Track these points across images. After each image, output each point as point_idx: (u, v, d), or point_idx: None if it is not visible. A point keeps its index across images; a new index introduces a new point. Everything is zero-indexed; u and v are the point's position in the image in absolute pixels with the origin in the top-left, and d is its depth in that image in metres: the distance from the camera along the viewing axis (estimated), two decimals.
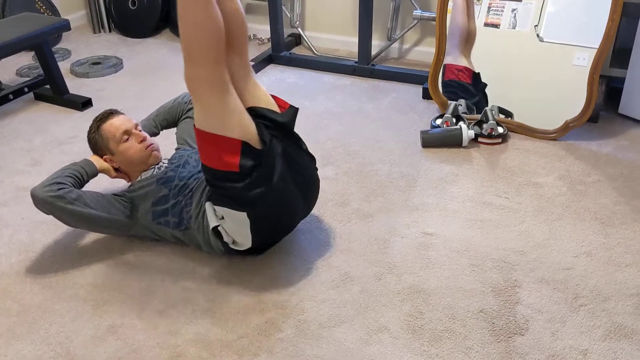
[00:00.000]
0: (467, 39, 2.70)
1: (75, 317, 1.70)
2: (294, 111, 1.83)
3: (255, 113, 1.74)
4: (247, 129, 1.67)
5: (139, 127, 2.05)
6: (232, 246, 1.78)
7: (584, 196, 2.16)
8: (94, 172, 1.98)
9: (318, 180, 1.90)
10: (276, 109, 1.79)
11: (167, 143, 2.34)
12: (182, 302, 1.74)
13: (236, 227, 1.74)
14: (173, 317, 1.69)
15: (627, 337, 1.58)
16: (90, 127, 2.05)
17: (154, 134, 2.20)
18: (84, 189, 1.91)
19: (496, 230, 2.00)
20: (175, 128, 2.25)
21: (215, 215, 1.76)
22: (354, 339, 1.60)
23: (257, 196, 1.68)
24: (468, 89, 2.70)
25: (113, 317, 1.70)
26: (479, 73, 2.67)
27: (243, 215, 1.70)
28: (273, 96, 1.82)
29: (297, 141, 1.83)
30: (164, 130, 2.26)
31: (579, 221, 2.03)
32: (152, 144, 2.03)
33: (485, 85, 2.67)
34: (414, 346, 1.57)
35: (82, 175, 1.92)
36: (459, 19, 2.69)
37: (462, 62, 2.71)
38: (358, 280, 1.80)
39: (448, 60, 2.72)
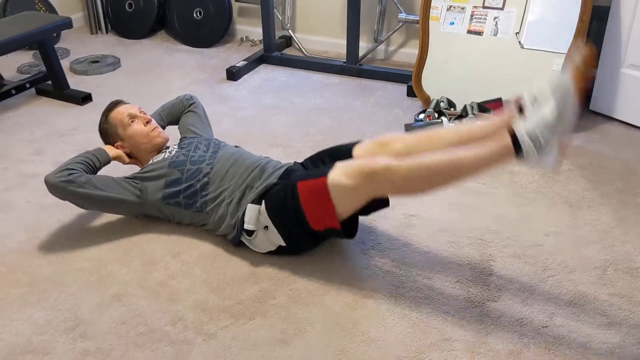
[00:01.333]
0: None
1: (82, 287, 1.83)
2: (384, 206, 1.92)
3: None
4: (348, 215, 1.77)
5: (144, 111, 2.18)
6: (248, 244, 1.92)
7: (555, 183, 2.32)
8: (106, 159, 2.09)
9: None
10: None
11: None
12: (181, 274, 1.87)
13: (268, 241, 1.87)
14: (173, 287, 1.82)
15: (589, 303, 1.73)
16: (99, 120, 2.18)
17: (161, 126, 2.31)
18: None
19: (473, 212, 2.15)
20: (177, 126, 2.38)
21: (258, 221, 1.85)
22: (341, 304, 1.74)
23: (306, 245, 1.92)
24: None
25: (117, 287, 1.82)
26: None
27: (281, 240, 1.85)
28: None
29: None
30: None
31: (550, 205, 2.19)
32: (157, 126, 2.17)
33: None
34: (395, 311, 1.71)
35: (93, 161, 2.03)
36: None
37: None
38: (345, 255, 1.94)
39: (507, 99, 2.72)
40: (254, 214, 1.85)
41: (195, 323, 1.68)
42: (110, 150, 2.12)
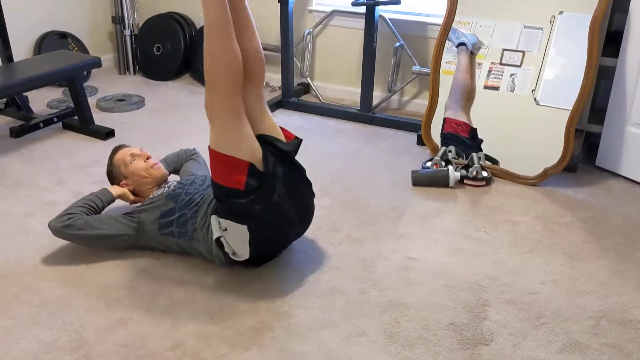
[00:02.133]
0: (468, 97, 2.95)
1: (89, 310, 1.90)
2: (297, 142, 2.08)
3: (264, 140, 1.98)
4: (254, 153, 1.91)
5: (145, 151, 2.35)
6: (232, 257, 2.00)
7: (556, 234, 2.36)
8: (109, 199, 2.26)
9: (313, 204, 2.13)
10: (283, 138, 2.05)
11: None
12: (184, 303, 1.94)
13: (237, 239, 1.95)
14: (176, 315, 1.89)
15: (581, 351, 1.76)
16: (107, 164, 2.38)
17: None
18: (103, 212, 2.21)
19: (473, 258, 2.20)
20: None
21: (219, 227, 1.97)
22: (336, 340, 1.79)
23: (258, 212, 1.91)
24: (465, 142, 2.92)
25: (123, 311, 1.90)
26: (476, 129, 2.89)
27: (244, 229, 1.92)
28: (281, 128, 2.08)
29: (298, 168, 2.07)
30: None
31: (549, 255, 2.23)
32: (157, 163, 2.31)
33: (481, 141, 2.88)
34: (389, 349, 1.76)
35: (96, 203, 2.20)
36: (461, 77, 2.95)
37: (462, 117, 2.95)
38: (344, 292, 2.00)
39: (448, 114, 2.95)
40: (215, 222, 1.97)
41: (193, 350, 1.74)
42: (115, 190, 2.29)
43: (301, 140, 2.09)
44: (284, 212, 1.99)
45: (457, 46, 2.95)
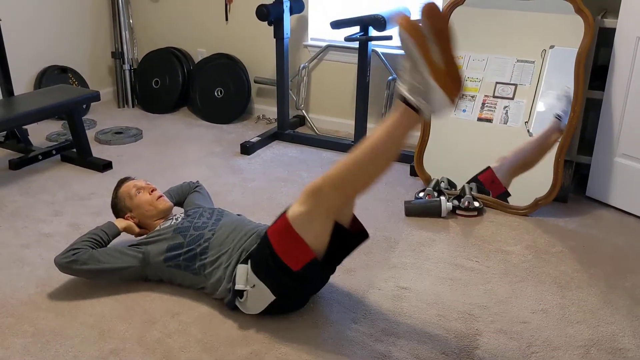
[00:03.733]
0: (524, 166, 2.82)
1: (83, 341, 1.92)
2: (362, 237, 1.99)
3: (335, 232, 1.89)
4: (323, 246, 1.89)
5: (149, 183, 2.38)
6: (240, 307, 2.01)
7: (547, 263, 2.39)
8: (115, 232, 2.27)
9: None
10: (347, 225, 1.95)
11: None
12: (178, 333, 1.96)
13: (258, 299, 1.96)
14: (169, 345, 1.90)
15: None
16: (111, 196, 2.40)
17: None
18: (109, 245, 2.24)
19: (464, 287, 2.22)
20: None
21: (247, 280, 1.96)
22: None
23: (294, 293, 1.98)
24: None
25: (116, 342, 1.91)
26: (509, 194, 2.82)
27: (270, 296, 1.93)
28: (354, 215, 1.98)
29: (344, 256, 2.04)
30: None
31: (539, 284, 2.25)
32: (162, 195, 2.34)
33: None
34: None
35: (101, 237, 2.21)
36: (537, 148, 2.80)
37: (504, 178, 2.85)
38: (336, 322, 2.02)
39: (494, 166, 2.87)
40: (243, 274, 1.96)
41: None
42: (120, 223, 2.30)
43: (367, 237, 2.01)
44: (311, 290, 2.10)
45: (555, 116, 2.78)
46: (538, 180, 2.76)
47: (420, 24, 1.62)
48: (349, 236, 1.94)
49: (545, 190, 2.75)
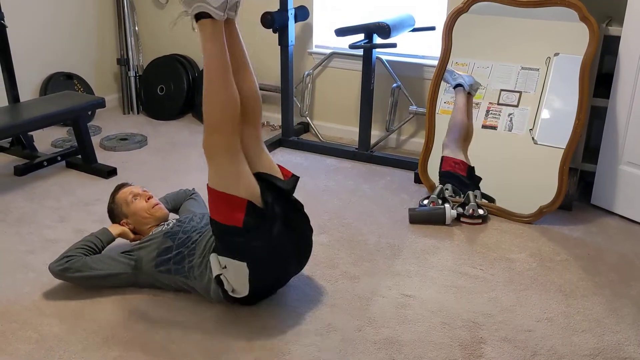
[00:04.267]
0: (465, 136, 3.00)
1: (87, 347, 1.92)
2: (295, 179, 2.12)
3: (261, 178, 2.02)
4: (252, 191, 1.95)
5: (146, 190, 2.39)
6: (231, 294, 2.01)
7: (552, 271, 2.38)
8: (109, 239, 2.29)
9: (311, 241, 2.15)
10: (280, 176, 2.09)
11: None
12: (181, 341, 1.95)
13: (236, 276, 1.97)
14: (172, 353, 1.90)
15: None
16: (108, 201, 2.42)
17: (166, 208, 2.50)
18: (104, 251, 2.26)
19: (469, 295, 2.22)
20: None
21: (219, 265, 1.99)
22: None
23: (257, 249, 1.95)
24: (462, 181, 2.96)
25: (119, 349, 1.91)
26: (473, 167, 2.93)
27: (243, 266, 1.94)
28: (279, 165, 2.12)
29: (296, 205, 2.10)
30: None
31: (544, 292, 2.24)
32: (158, 203, 2.35)
33: (480, 179, 2.92)
34: None
35: (95, 243, 2.23)
36: (459, 117, 3.00)
37: (459, 156, 3.00)
38: (340, 330, 2.01)
39: (446, 152, 3.00)
40: (215, 261, 1.99)
41: None
42: (115, 229, 2.32)
43: (298, 177, 2.13)
44: (282, 248, 2.02)
45: (454, 87, 3.02)
46: (542, 188, 2.76)
47: None
48: (270, 178, 2.02)
49: (549, 198, 2.74)
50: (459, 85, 3.00)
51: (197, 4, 1.84)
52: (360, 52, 3.43)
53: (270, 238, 1.96)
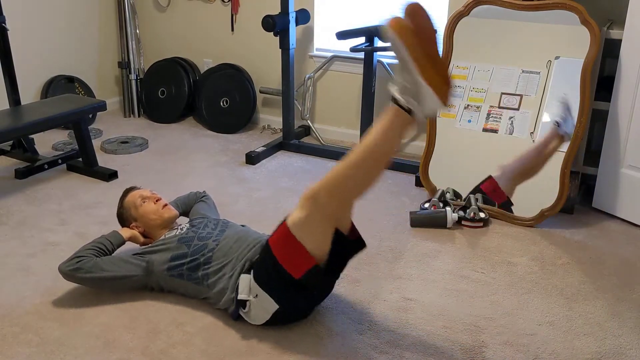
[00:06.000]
0: (525, 173, 2.81)
1: (88, 351, 1.91)
2: (361, 246, 2.00)
3: (335, 240, 1.89)
4: (324, 252, 1.89)
5: (155, 193, 2.39)
6: (244, 315, 2.00)
7: (553, 275, 2.38)
8: (119, 241, 2.28)
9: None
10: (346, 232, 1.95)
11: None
12: (182, 344, 1.95)
13: (262, 309, 1.95)
14: (173, 356, 1.90)
15: None
16: (117, 206, 2.41)
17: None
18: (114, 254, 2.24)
19: (470, 299, 2.21)
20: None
21: (249, 290, 1.95)
22: None
23: (297, 302, 1.97)
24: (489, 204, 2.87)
25: (121, 352, 1.91)
26: (511, 202, 2.81)
27: (274, 304, 1.93)
28: (352, 223, 1.98)
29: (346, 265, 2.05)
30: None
31: (546, 296, 2.24)
32: (167, 204, 2.34)
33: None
34: None
35: (106, 245, 2.22)
36: (536, 153, 2.80)
37: (505, 186, 2.84)
38: (341, 334, 2.01)
39: (496, 175, 2.86)
40: (246, 284, 1.95)
41: None
42: (125, 232, 2.31)
43: (365, 246, 2.02)
44: (314, 304, 2.08)
45: (554, 122, 2.78)
46: (544, 191, 2.75)
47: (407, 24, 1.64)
48: (347, 243, 1.94)
49: (551, 201, 2.74)
50: (557, 124, 2.77)
51: (410, 99, 1.68)
52: (361, 55, 3.43)
53: (312, 296, 2.01)
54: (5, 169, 3.40)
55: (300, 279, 1.87)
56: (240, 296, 1.95)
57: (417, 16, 1.63)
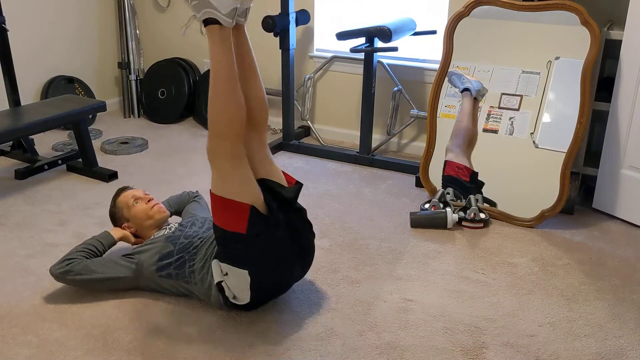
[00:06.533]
0: (470, 141, 2.97)
1: (87, 352, 1.91)
2: (298, 187, 2.09)
3: (265, 184, 2.00)
4: (256, 197, 1.92)
5: (147, 193, 2.40)
6: (232, 300, 2.00)
7: (554, 276, 2.37)
8: (111, 242, 2.29)
9: (314, 247, 2.14)
10: (284, 183, 2.06)
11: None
12: (182, 345, 1.95)
13: (238, 283, 1.96)
14: (173, 357, 1.89)
15: None
16: (109, 205, 2.42)
17: (168, 211, 2.49)
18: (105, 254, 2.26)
19: (470, 300, 2.21)
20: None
21: (220, 271, 1.98)
22: None
23: (259, 256, 1.94)
24: (465, 186, 2.94)
25: (120, 353, 1.90)
26: (477, 172, 2.91)
27: (245, 273, 1.93)
28: (283, 172, 2.10)
29: (299, 212, 2.09)
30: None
31: (546, 297, 2.23)
32: (158, 203, 2.35)
33: (483, 184, 2.90)
34: None
35: (96, 247, 2.23)
36: (464, 122, 2.98)
37: (463, 161, 2.97)
38: (341, 335, 2.00)
39: (450, 157, 2.98)
40: (217, 267, 1.97)
41: None
42: (116, 232, 2.31)
43: (302, 185, 2.11)
44: (285, 256, 2.01)
45: (461, 91, 3.00)
46: (544, 192, 2.75)
47: None
48: (274, 184, 2.00)
49: (551, 202, 2.73)
50: (466, 89, 2.98)
51: (205, 10, 1.81)
52: (361, 55, 3.43)
53: (272, 245, 1.95)
54: (5, 169, 3.40)
55: (247, 231, 1.88)
56: (215, 280, 1.96)
57: None
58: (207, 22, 1.83)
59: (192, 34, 4.35)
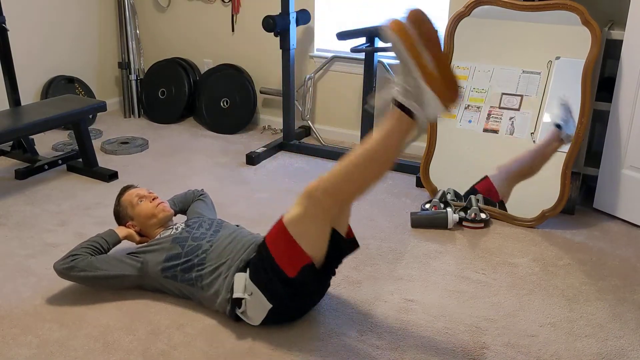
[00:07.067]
0: (522, 175, 2.80)
1: (87, 353, 1.91)
2: (355, 246, 2.03)
3: (333, 238, 1.91)
4: (319, 254, 1.90)
5: (152, 192, 2.39)
6: (240, 315, 1.99)
7: (554, 276, 2.37)
8: (115, 240, 2.28)
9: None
10: (344, 233, 1.96)
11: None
12: (183, 346, 1.94)
13: (256, 306, 1.95)
14: (174, 357, 1.89)
15: None
16: (114, 204, 2.41)
17: (173, 210, 2.48)
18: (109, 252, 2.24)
19: (471, 300, 2.21)
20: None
21: (244, 288, 1.95)
22: None
23: (290, 301, 1.95)
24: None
25: (120, 354, 1.90)
26: (504, 204, 2.82)
27: (267, 304, 1.93)
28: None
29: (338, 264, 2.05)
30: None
31: (547, 297, 2.23)
32: (162, 202, 2.34)
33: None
34: None
35: (101, 244, 2.21)
36: (534, 155, 2.79)
37: (501, 187, 2.84)
38: (342, 335, 2.00)
39: (492, 175, 2.86)
40: (241, 282, 1.95)
41: None
42: (121, 231, 2.31)
43: (358, 246, 2.05)
44: (311, 302, 2.07)
45: (554, 124, 2.77)
46: (545, 192, 2.75)
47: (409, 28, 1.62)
48: (343, 243, 1.95)
49: (552, 202, 2.73)
50: (559, 126, 2.75)
51: (412, 102, 1.66)
52: (361, 55, 3.43)
53: (307, 295, 2.00)
54: (5, 169, 3.40)
55: (294, 277, 1.87)
56: (236, 294, 1.95)
57: (420, 22, 1.63)
58: (402, 108, 1.69)
59: (192, 34, 4.37)
